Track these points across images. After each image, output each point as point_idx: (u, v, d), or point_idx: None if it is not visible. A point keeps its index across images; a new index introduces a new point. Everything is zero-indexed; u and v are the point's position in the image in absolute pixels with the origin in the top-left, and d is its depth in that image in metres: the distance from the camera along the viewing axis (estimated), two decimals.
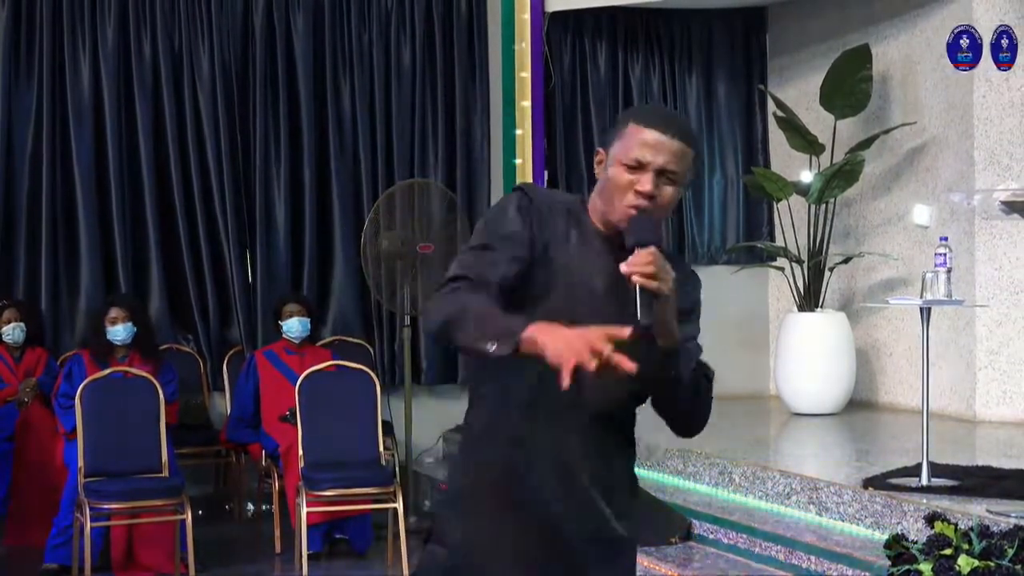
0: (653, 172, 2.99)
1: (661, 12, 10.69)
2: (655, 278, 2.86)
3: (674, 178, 3.01)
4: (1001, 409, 8.99)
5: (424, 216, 9.12)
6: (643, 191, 2.98)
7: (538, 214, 3.03)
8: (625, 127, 3.05)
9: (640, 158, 2.99)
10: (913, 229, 9.56)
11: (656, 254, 2.89)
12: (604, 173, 3.07)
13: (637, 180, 2.99)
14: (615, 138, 3.06)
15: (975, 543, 4.87)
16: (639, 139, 3.00)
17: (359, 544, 8.10)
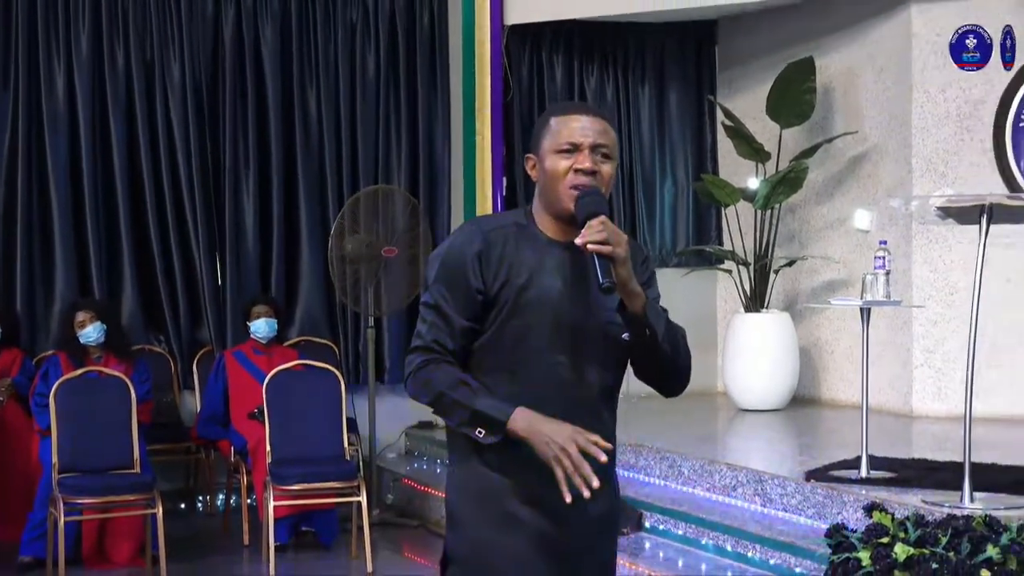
0: (588, 150, 3.07)
1: (616, 26, 10.70)
2: (608, 243, 2.91)
3: (607, 152, 3.10)
4: (936, 405, 9.05)
5: (388, 220, 9.11)
6: (584, 167, 3.06)
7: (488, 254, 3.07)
8: (547, 124, 3.14)
9: (573, 140, 3.07)
10: (854, 233, 9.59)
11: (606, 221, 2.95)
12: (540, 171, 3.14)
13: (575, 161, 3.06)
14: (541, 137, 3.14)
15: (911, 532, 4.90)
16: (566, 127, 3.09)
17: (325, 536, 8.10)
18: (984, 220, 5.82)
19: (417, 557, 7.99)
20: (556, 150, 3.09)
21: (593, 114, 3.12)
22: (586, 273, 3.06)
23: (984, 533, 4.86)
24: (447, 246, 3.13)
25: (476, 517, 3.12)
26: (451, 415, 3.04)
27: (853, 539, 5.01)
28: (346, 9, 9.99)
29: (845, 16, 9.80)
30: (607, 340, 3.10)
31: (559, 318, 3.06)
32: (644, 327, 3.03)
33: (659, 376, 3.17)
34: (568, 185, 3.06)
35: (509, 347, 3.06)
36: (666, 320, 3.11)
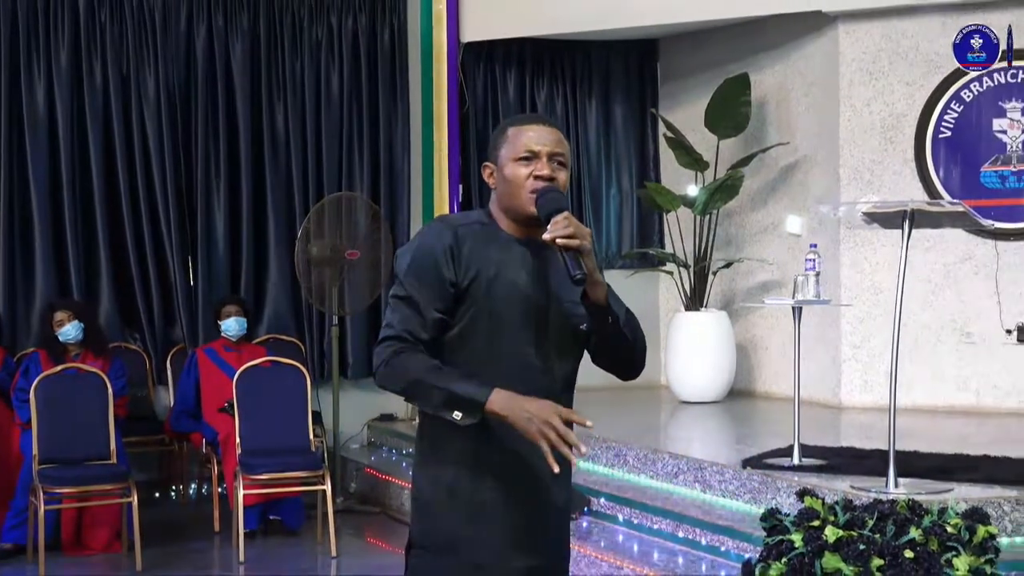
0: (546, 157, 3.04)
1: (565, 43, 10.70)
2: (575, 237, 2.88)
3: (563, 161, 3.06)
4: (863, 396, 9.08)
5: (351, 226, 9.09)
6: (543, 174, 3.02)
7: (459, 248, 3.01)
8: (505, 134, 3.11)
9: (531, 148, 3.04)
10: (786, 237, 9.63)
11: (570, 216, 2.92)
12: (499, 179, 3.10)
13: (533, 168, 3.03)
14: (500, 147, 3.11)
15: (840, 515, 4.91)
16: (524, 136, 3.06)
17: (292, 523, 8.05)
18: (906, 225, 5.83)
19: (379, 542, 7.95)
20: (515, 158, 3.05)
21: (548, 124, 3.09)
22: (547, 267, 3.04)
23: (907, 516, 4.87)
24: (418, 241, 3.06)
25: (445, 506, 3.04)
26: (427, 400, 2.92)
27: (786, 522, 5.01)
28: (312, 28, 9.94)
29: (777, 35, 9.82)
30: (568, 331, 3.07)
31: (527, 310, 3.01)
32: (607, 314, 3.01)
33: (619, 361, 3.14)
34: (529, 190, 3.03)
35: (480, 339, 3.00)
36: (624, 307, 3.10)
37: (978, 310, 8.89)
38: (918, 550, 4.69)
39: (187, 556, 7.57)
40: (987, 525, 4.86)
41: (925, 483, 5.91)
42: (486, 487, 3.02)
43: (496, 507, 3.02)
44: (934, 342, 8.98)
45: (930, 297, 8.97)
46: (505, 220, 3.10)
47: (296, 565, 7.40)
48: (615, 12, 9.96)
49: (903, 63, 9.08)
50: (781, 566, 4.85)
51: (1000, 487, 5.88)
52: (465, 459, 3.02)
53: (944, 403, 8.93)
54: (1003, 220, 8.49)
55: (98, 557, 7.47)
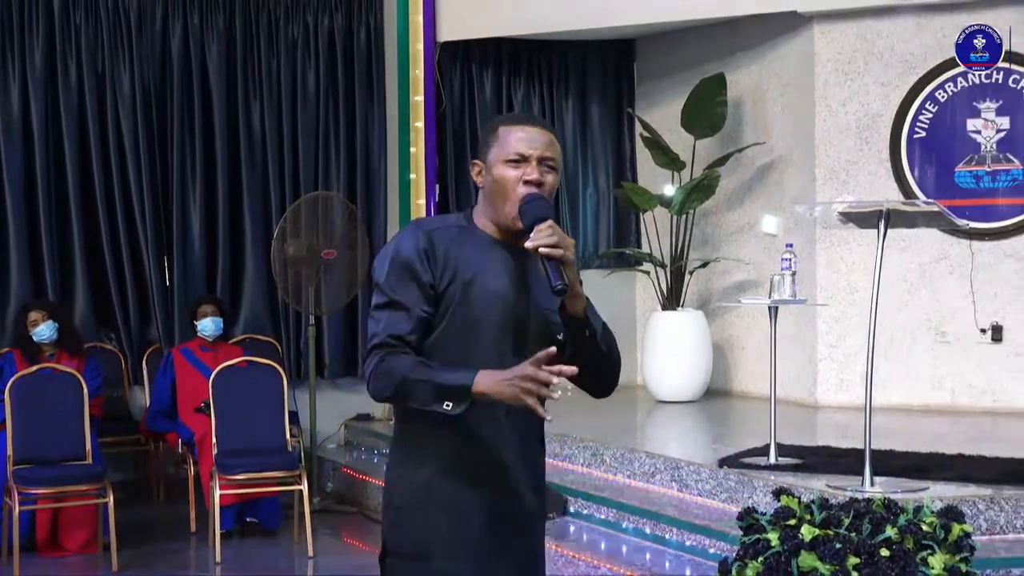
0: (536, 161, 2.98)
1: (541, 43, 10.70)
2: (558, 246, 2.83)
3: (552, 165, 3.01)
4: (839, 396, 9.11)
5: (327, 225, 9.07)
6: (532, 179, 2.97)
7: (433, 251, 2.96)
8: (496, 133, 3.04)
9: (521, 151, 2.98)
10: (762, 237, 9.65)
11: (554, 225, 2.87)
12: (487, 179, 3.03)
13: (523, 172, 2.97)
14: (490, 146, 3.03)
15: (816, 514, 4.91)
16: (515, 137, 3.00)
17: (269, 523, 8.03)
18: (882, 225, 5.85)
19: (356, 542, 7.94)
20: (504, 160, 2.99)
21: (540, 126, 3.03)
22: (527, 273, 3.00)
23: (883, 515, 4.88)
24: (394, 247, 3.01)
25: (418, 510, 3.01)
26: (415, 396, 2.87)
27: (763, 521, 5.01)
28: (288, 27, 9.91)
29: (753, 36, 9.85)
30: (547, 339, 2.99)
31: (505, 314, 2.97)
32: (584, 328, 2.96)
33: (593, 376, 3.06)
34: (519, 196, 2.96)
35: (458, 343, 2.96)
36: (602, 322, 3.05)
37: (953, 309, 8.93)
38: (894, 548, 4.70)
39: (163, 557, 7.54)
40: (962, 523, 4.87)
41: (901, 482, 5.94)
42: (461, 490, 2.99)
43: (471, 510, 2.99)
44: (909, 341, 9.01)
45: (905, 297, 9.00)
46: (488, 223, 3.05)
47: (273, 565, 7.39)
48: (592, 12, 9.97)
49: (878, 63, 9.12)
50: (758, 565, 4.85)
51: (975, 485, 5.92)
52: (439, 462, 2.99)
53: (919, 402, 8.96)
54: (977, 220, 8.54)
55: (74, 558, 7.44)
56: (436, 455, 2.99)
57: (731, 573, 4.97)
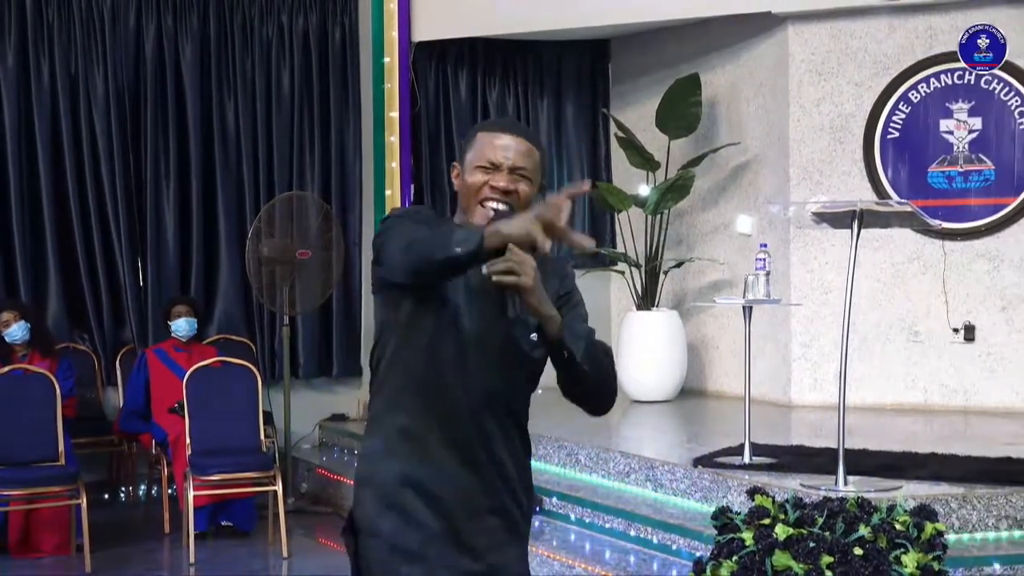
0: (507, 170, 2.93)
1: (516, 43, 10.70)
2: (512, 273, 2.68)
3: (526, 175, 2.95)
4: (812, 395, 9.14)
5: (302, 225, 9.05)
6: (497, 186, 2.91)
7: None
8: (475, 138, 3.00)
9: (492, 159, 2.93)
10: (737, 237, 9.66)
11: (514, 249, 2.68)
12: (461, 183, 2.99)
13: (491, 178, 2.93)
14: (468, 150, 3.00)
15: (790, 513, 4.93)
16: (490, 144, 2.95)
17: (243, 525, 8.00)
18: (855, 225, 5.86)
19: (330, 542, 7.92)
20: (476, 165, 2.94)
21: (519, 135, 2.96)
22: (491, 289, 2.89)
23: (857, 514, 4.90)
24: (394, 216, 2.96)
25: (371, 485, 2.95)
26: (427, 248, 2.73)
27: (737, 521, 5.02)
28: (262, 27, 9.88)
29: (727, 36, 9.87)
30: (516, 355, 2.93)
31: (464, 330, 2.88)
32: (561, 350, 2.86)
33: (582, 395, 2.99)
34: (478, 200, 2.93)
35: (418, 362, 2.89)
36: (588, 339, 2.94)
37: (926, 309, 8.97)
38: (867, 547, 4.72)
39: (137, 558, 7.52)
40: (935, 522, 4.89)
41: (874, 481, 5.95)
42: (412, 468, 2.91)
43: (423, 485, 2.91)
44: (883, 341, 9.05)
45: (879, 296, 9.04)
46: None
47: (247, 566, 7.36)
48: (566, 12, 9.98)
49: (852, 64, 9.15)
50: (732, 564, 4.86)
51: (947, 484, 5.93)
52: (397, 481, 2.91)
53: (893, 401, 9.00)
54: (950, 220, 8.58)
55: (47, 559, 7.41)
56: (391, 426, 2.94)
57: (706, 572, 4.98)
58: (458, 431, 2.91)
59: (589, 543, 6.52)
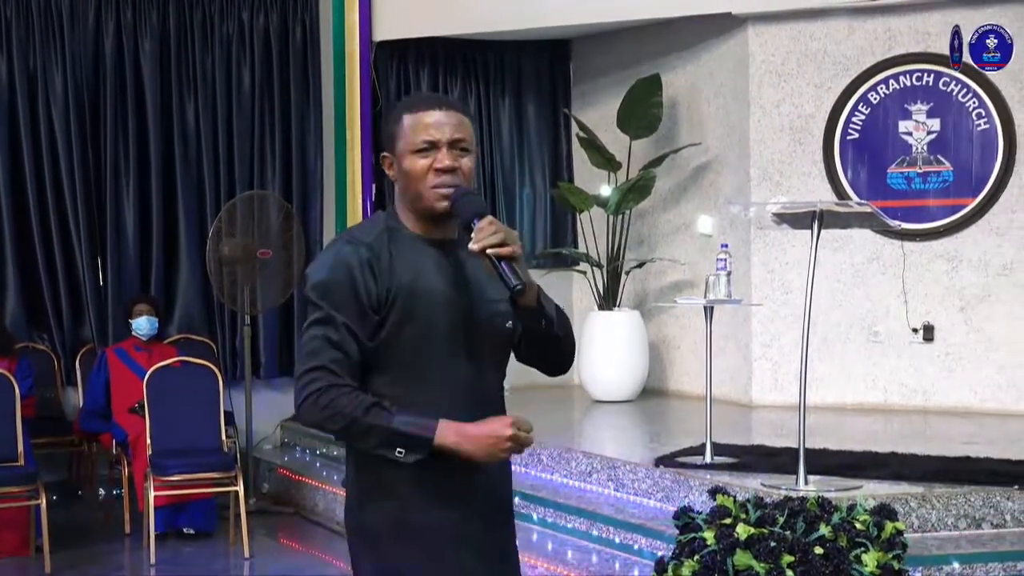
0: (446, 146, 2.82)
1: (477, 43, 10.70)
2: (505, 243, 2.70)
3: (465, 147, 2.85)
4: (773, 395, 9.18)
5: (263, 224, 9.02)
6: (443, 166, 2.80)
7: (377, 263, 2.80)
8: (400, 122, 2.86)
9: (428, 138, 2.81)
10: (698, 237, 9.69)
11: (494, 220, 2.73)
12: (399, 172, 2.88)
13: (433, 159, 2.81)
14: (396, 136, 2.87)
15: (751, 513, 4.95)
16: (420, 124, 2.83)
17: (204, 524, 7.97)
18: (816, 225, 5.90)
19: (292, 542, 7.91)
20: (413, 150, 2.81)
21: (446, 107, 2.84)
22: (462, 267, 2.87)
23: (817, 513, 4.93)
24: (332, 259, 2.82)
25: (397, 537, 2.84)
26: (366, 439, 2.74)
27: (699, 520, 5.05)
28: (223, 25, 9.84)
29: (688, 37, 9.90)
30: (494, 334, 2.91)
31: (451, 318, 2.83)
32: (540, 317, 2.87)
33: (550, 359, 3.01)
34: (430, 185, 2.81)
35: (407, 356, 2.81)
36: (555, 305, 2.96)
37: (885, 309, 9.03)
38: (828, 546, 4.75)
39: (97, 558, 7.48)
40: (895, 521, 4.94)
41: (834, 480, 6.00)
42: (433, 517, 2.85)
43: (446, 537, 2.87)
44: (843, 341, 9.11)
45: (839, 297, 9.10)
46: (411, 219, 2.89)
47: (208, 567, 7.34)
48: (527, 12, 9.98)
49: (811, 65, 9.21)
50: (694, 564, 4.89)
51: (907, 483, 5.99)
52: (412, 488, 2.82)
53: (853, 401, 9.06)
54: (909, 221, 8.65)
55: (6, 560, 7.36)
56: (405, 480, 2.82)
57: (667, 572, 5.00)
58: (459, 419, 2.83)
59: (551, 543, 6.53)
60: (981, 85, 8.80)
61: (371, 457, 2.82)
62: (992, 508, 5.77)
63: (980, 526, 5.74)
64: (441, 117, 2.83)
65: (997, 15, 8.72)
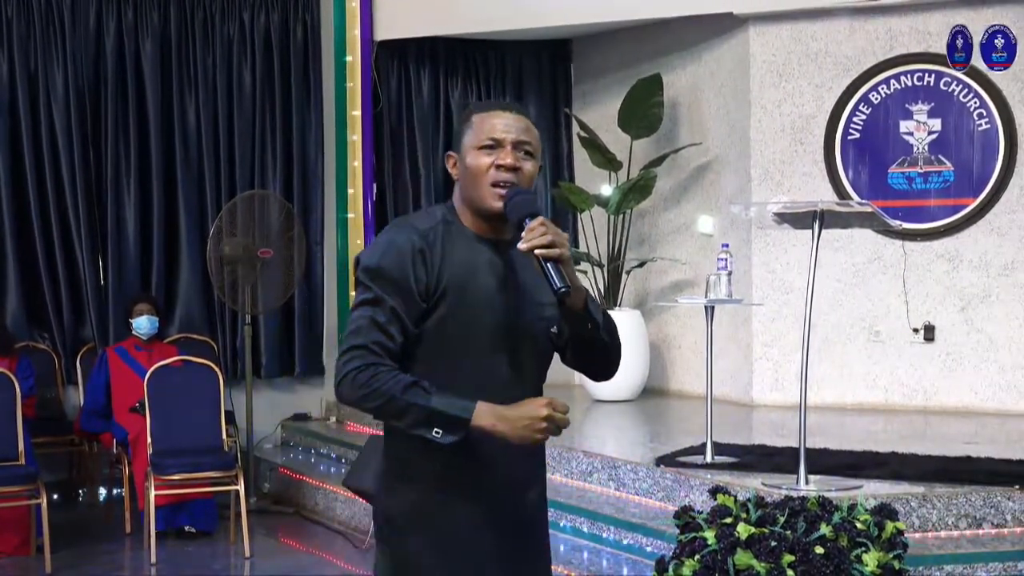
0: (511, 146, 2.86)
1: (478, 42, 10.70)
2: (554, 245, 2.72)
3: (530, 150, 2.88)
4: (774, 395, 9.19)
5: (263, 224, 9.02)
6: (505, 163, 2.84)
7: (429, 252, 2.83)
8: (469, 120, 2.92)
9: (494, 136, 2.85)
10: (699, 237, 9.70)
11: (546, 221, 2.75)
12: (461, 168, 2.91)
13: (497, 157, 2.85)
14: (463, 134, 2.91)
15: (752, 512, 4.96)
16: (488, 123, 2.88)
17: (204, 524, 7.97)
18: (816, 225, 5.91)
19: (293, 542, 7.90)
20: (478, 146, 2.85)
21: (516, 111, 2.90)
22: (514, 268, 2.90)
23: (818, 513, 4.94)
24: (384, 244, 2.85)
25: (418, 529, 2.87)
26: (403, 417, 2.74)
27: (699, 520, 5.05)
28: (224, 25, 9.84)
29: (689, 37, 9.90)
30: (538, 337, 2.93)
31: (496, 316, 2.85)
32: (586, 321, 2.87)
33: (596, 364, 3.03)
34: (489, 182, 2.84)
35: (446, 348, 2.84)
36: (602, 310, 2.96)
37: (886, 309, 9.03)
38: (828, 546, 4.75)
39: (98, 558, 7.48)
40: (895, 521, 4.94)
41: (835, 480, 6.00)
42: (455, 508, 2.87)
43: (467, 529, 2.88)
44: (844, 341, 9.11)
45: (840, 296, 9.10)
46: (469, 215, 2.92)
47: (209, 566, 7.34)
48: (528, 11, 9.99)
49: (812, 65, 9.21)
50: (694, 563, 4.89)
51: (908, 483, 5.99)
52: (437, 480, 2.85)
53: (853, 401, 9.06)
54: (910, 221, 8.65)
55: (6, 560, 7.35)
56: (431, 472, 2.86)
57: (668, 571, 5.00)
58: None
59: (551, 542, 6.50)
60: (982, 85, 8.80)
61: (400, 445, 2.87)
62: (993, 508, 5.77)
63: (981, 526, 5.75)
64: (510, 118, 2.89)
65: (998, 15, 8.72)
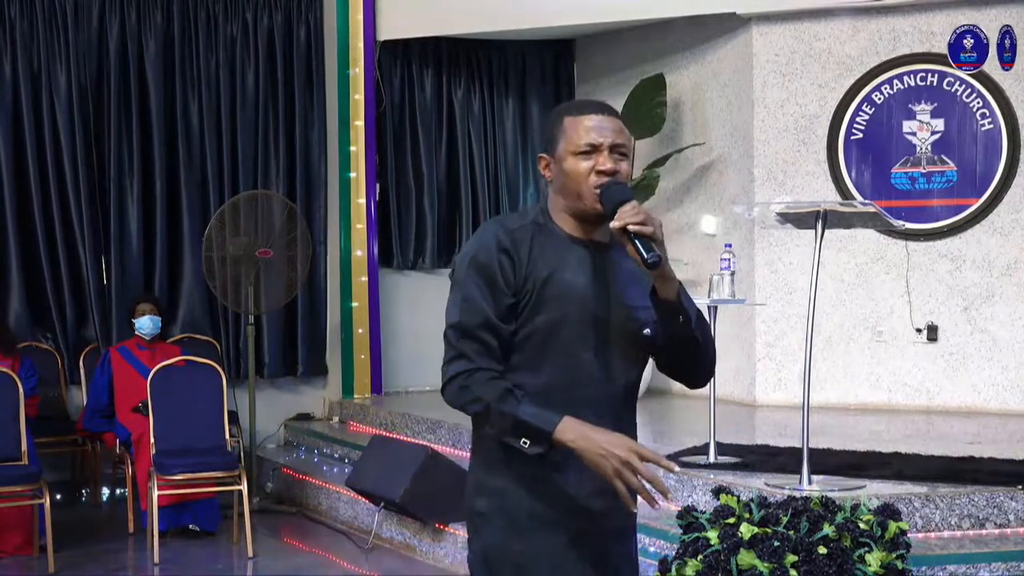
0: (607, 150, 2.87)
1: (481, 42, 10.71)
2: (646, 223, 2.73)
3: (624, 152, 2.90)
4: (777, 394, 9.19)
5: (266, 224, 9.01)
6: (605, 169, 2.85)
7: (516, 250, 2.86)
8: (562, 124, 2.92)
9: (591, 141, 2.86)
10: (702, 237, 9.70)
11: (638, 206, 2.77)
12: (556, 172, 2.93)
13: (595, 162, 2.86)
14: (556, 138, 2.92)
15: (755, 512, 4.96)
16: (583, 127, 2.88)
17: (207, 524, 7.97)
18: (819, 225, 5.90)
19: (295, 542, 7.90)
20: (575, 152, 2.87)
21: (608, 113, 2.91)
22: (609, 269, 2.91)
23: (821, 513, 4.94)
24: (475, 246, 2.88)
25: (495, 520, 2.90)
26: (495, 425, 2.79)
27: (702, 520, 5.05)
28: (227, 24, 9.86)
29: (692, 37, 9.90)
30: (630, 336, 2.91)
31: (584, 313, 2.85)
32: (678, 313, 2.84)
33: (688, 366, 2.99)
34: (592, 186, 2.85)
35: (536, 344, 2.85)
36: (696, 309, 2.92)
37: (889, 309, 9.03)
38: (831, 546, 4.76)
39: (101, 558, 7.48)
40: (898, 521, 4.94)
41: (838, 480, 5.99)
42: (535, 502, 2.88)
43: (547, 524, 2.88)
44: (847, 341, 9.11)
45: (843, 296, 9.10)
46: (564, 217, 2.94)
47: (212, 566, 7.34)
48: (531, 11, 10.00)
49: (816, 65, 9.21)
50: (697, 563, 4.89)
51: (911, 483, 5.98)
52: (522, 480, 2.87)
53: (856, 401, 9.06)
54: (913, 221, 8.65)
55: (9, 560, 7.35)
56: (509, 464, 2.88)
57: (671, 571, 5.01)
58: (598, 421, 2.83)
59: None
60: (985, 85, 8.80)
61: (485, 444, 2.91)
62: (996, 508, 5.77)
63: (983, 526, 5.74)
64: (603, 122, 2.89)
65: (1002, 16, 8.72)
